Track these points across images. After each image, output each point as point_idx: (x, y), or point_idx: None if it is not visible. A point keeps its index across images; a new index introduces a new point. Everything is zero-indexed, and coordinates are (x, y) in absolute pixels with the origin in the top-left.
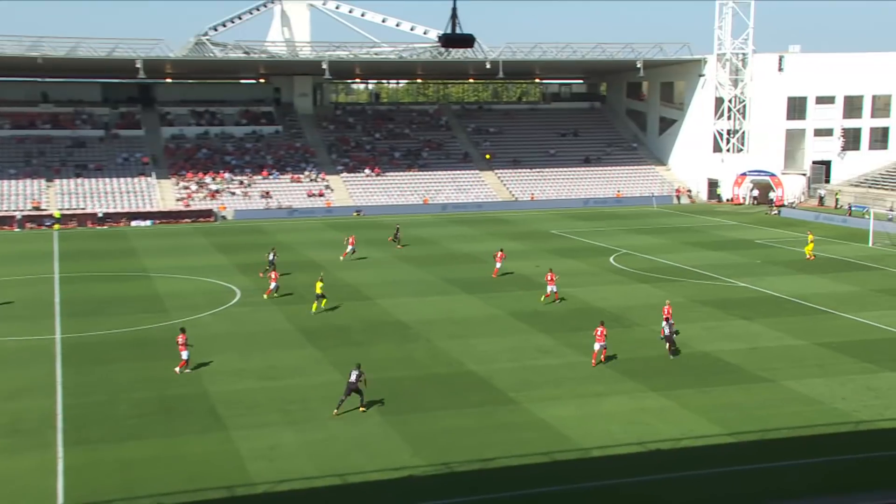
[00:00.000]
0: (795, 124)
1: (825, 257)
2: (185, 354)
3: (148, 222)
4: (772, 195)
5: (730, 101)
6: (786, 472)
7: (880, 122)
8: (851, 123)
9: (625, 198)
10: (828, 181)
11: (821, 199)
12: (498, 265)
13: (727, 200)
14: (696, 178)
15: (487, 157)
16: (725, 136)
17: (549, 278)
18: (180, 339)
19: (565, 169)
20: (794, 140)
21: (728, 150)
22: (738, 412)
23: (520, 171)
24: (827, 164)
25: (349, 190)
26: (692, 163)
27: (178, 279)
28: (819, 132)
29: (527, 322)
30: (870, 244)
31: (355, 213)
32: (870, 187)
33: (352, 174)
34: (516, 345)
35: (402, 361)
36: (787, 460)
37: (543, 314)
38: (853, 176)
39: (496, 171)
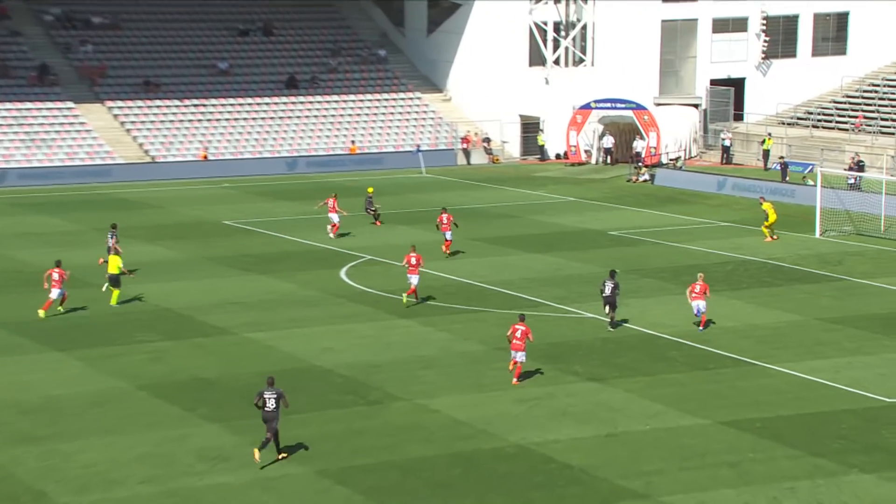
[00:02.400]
0: (678, 10)
1: (739, 259)
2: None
3: None
4: (638, 146)
5: None
6: None
7: (833, 5)
8: (780, 7)
9: (366, 155)
10: (739, 117)
11: (726, 150)
12: (448, 236)
13: (558, 157)
14: (500, 116)
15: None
16: (552, 35)
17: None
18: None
19: (251, 100)
20: (676, 41)
21: (557, 64)
22: None
23: (159, 103)
24: (738, 84)
25: None
26: (491, 87)
27: None
28: (721, 25)
29: (175, 402)
30: (816, 234)
31: None
32: (814, 126)
33: None
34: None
35: None
36: None
37: (210, 385)
38: (785, 105)
39: (109, 103)
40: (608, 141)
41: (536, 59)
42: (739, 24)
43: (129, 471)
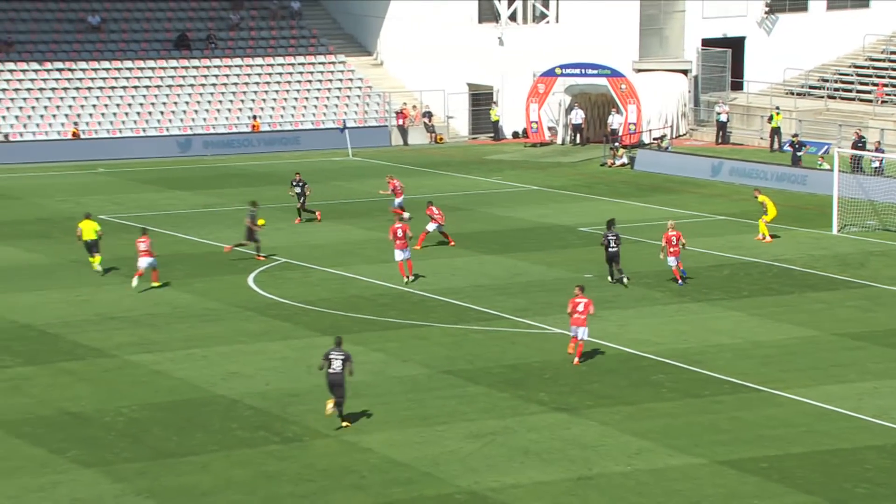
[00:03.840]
0: None
1: (738, 261)
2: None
3: None
4: (614, 122)
5: None
6: None
7: None
8: None
9: (278, 133)
10: (738, 86)
11: (722, 126)
12: (430, 229)
13: (515, 136)
14: (445, 86)
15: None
16: None
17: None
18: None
19: (131, 64)
20: None
21: (513, 20)
22: None
23: (12, 67)
24: (737, 44)
25: None
26: (433, 50)
27: None
28: None
29: None
30: (833, 230)
31: None
32: (830, 97)
33: None
34: None
35: None
36: None
37: (84, 421)
38: (795, 71)
39: None
40: (577, 116)
41: (488, 14)
42: None
43: None
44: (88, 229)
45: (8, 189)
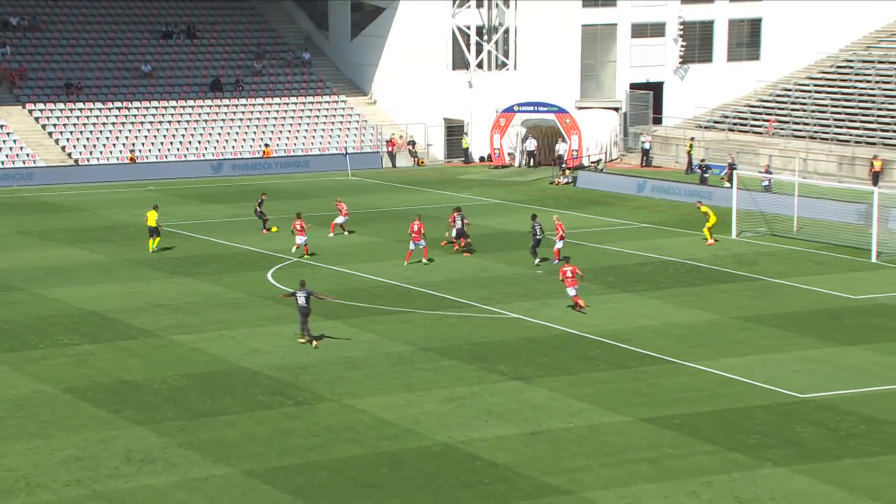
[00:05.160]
0: (598, 15)
1: (658, 260)
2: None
3: None
4: (560, 149)
5: None
6: None
7: (747, 11)
8: (696, 13)
9: (292, 157)
10: (658, 120)
11: (646, 152)
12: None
13: (482, 160)
14: (425, 120)
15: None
16: (475, 39)
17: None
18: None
19: (175, 103)
20: (596, 46)
21: (480, 67)
22: None
23: (81, 106)
24: (656, 88)
25: None
26: (416, 91)
27: None
28: (640, 30)
29: None
30: (732, 235)
31: None
32: (730, 129)
33: None
34: None
35: None
36: None
37: (136, 388)
38: (702, 109)
39: (29, 106)
40: (531, 144)
41: (460, 62)
42: (657, 30)
43: (54, 474)
44: (151, 218)
45: (77, 203)
